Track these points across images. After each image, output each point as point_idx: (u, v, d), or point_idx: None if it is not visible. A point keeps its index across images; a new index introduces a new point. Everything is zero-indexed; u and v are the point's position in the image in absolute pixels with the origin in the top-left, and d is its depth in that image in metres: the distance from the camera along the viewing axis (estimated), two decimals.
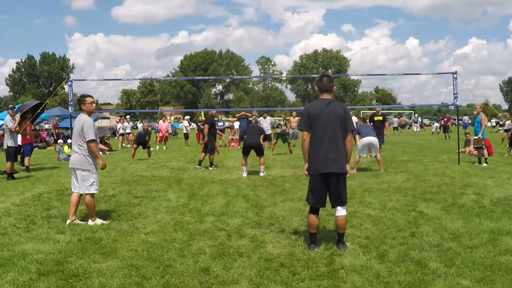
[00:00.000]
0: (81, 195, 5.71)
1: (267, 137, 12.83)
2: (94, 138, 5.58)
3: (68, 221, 5.66)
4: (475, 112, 12.59)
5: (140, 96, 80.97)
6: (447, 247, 4.46)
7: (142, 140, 14.77)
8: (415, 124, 38.10)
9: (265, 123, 17.31)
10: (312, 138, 4.54)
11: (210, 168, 11.65)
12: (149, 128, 15.39)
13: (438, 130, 29.05)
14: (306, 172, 4.62)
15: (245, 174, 10.12)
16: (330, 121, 4.46)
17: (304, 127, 4.54)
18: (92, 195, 5.66)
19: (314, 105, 4.62)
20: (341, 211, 4.56)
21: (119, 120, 24.87)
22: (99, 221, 5.68)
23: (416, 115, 43.56)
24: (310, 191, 4.62)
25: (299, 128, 4.65)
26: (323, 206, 4.63)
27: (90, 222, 5.65)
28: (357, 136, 10.73)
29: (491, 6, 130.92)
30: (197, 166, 11.89)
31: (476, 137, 11.89)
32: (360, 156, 10.82)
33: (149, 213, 6.23)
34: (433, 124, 38.08)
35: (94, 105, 5.86)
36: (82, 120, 5.60)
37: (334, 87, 4.73)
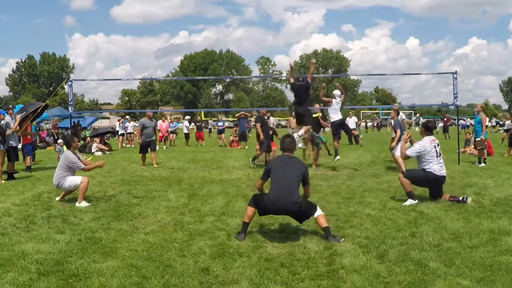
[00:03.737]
0: None
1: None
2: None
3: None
4: (475, 110, 12.61)
5: (140, 96, 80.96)
6: (447, 247, 4.47)
7: (147, 133, 12.57)
8: (418, 125, 38.03)
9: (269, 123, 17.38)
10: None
11: (251, 161, 11.95)
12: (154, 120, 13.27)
13: (442, 130, 29.11)
14: None
15: None
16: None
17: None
18: None
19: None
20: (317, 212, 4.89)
21: (121, 119, 24.81)
22: (84, 203, 6.79)
23: (418, 115, 43.55)
24: None
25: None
26: None
27: (78, 204, 6.80)
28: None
29: (490, 6, 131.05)
30: (251, 160, 12.07)
31: (479, 139, 11.89)
32: None
33: (149, 213, 6.22)
34: (437, 124, 38.11)
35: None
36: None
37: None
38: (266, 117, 13.36)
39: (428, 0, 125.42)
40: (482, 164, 11.53)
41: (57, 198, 7.27)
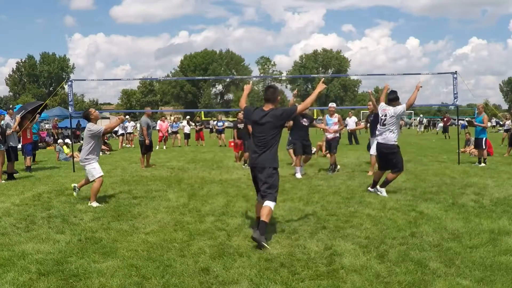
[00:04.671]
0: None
1: None
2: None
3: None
4: (477, 111, 12.68)
5: (140, 96, 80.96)
6: (447, 247, 4.47)
7: (150, 133, 12.41)
8: (421, 124, 38.25)
9: None
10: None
11: (244, 166, 11.85)
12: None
13: (442, 130, 29.23)
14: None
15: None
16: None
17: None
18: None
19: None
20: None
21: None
22: (95, 203, 6.80)
23: (421, 115, 43.69)
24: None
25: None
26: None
27: (90, 203, 6.84)
28: None
29: (490, 6, 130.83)
30: (243, 165, 11.96)
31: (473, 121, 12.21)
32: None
33: (149, 213, 6.23)
34: (437, 124, 38.37)
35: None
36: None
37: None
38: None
39: (428, 0, 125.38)
40: (482, 164, 11.54)
41: (75, 185, 7.56)
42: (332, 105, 11.05)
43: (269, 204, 4.81)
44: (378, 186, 7.47)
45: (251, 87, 5.88)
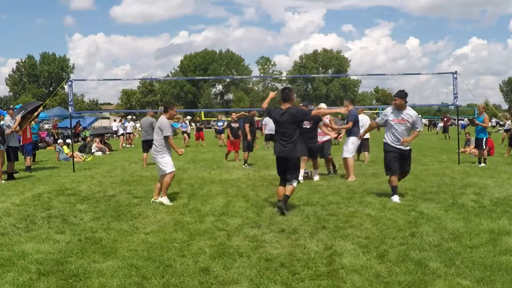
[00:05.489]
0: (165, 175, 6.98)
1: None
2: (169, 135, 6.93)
3: (152, 200, 7.05)
4: (478, 112, 12.68)
5: (140, 96, 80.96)
6: (447, 247, 4.47)
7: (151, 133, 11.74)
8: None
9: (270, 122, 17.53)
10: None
11: (243, 166, 11.88)
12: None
13: (442, 130, 29.28)
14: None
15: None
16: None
17: None
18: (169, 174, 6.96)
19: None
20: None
21: (121, 119, 24.82)
22: (165, 200, 6.85)
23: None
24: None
25: None
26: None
27: (160, 198, 6.88)
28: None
29: (490, 6, 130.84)
30: (243, 165, 12.00)
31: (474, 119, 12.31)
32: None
33: (149, 213, 6.22)
34: (437, 124, 38.48)
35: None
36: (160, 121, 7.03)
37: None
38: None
39: (428, 0, 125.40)
40: (482, 164, 11.54)
41: (155, 200, 6.96)
42: (322, 106, 10.17)
43: (293, 183, 6.17)
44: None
45: (275, 94, 6.99)
